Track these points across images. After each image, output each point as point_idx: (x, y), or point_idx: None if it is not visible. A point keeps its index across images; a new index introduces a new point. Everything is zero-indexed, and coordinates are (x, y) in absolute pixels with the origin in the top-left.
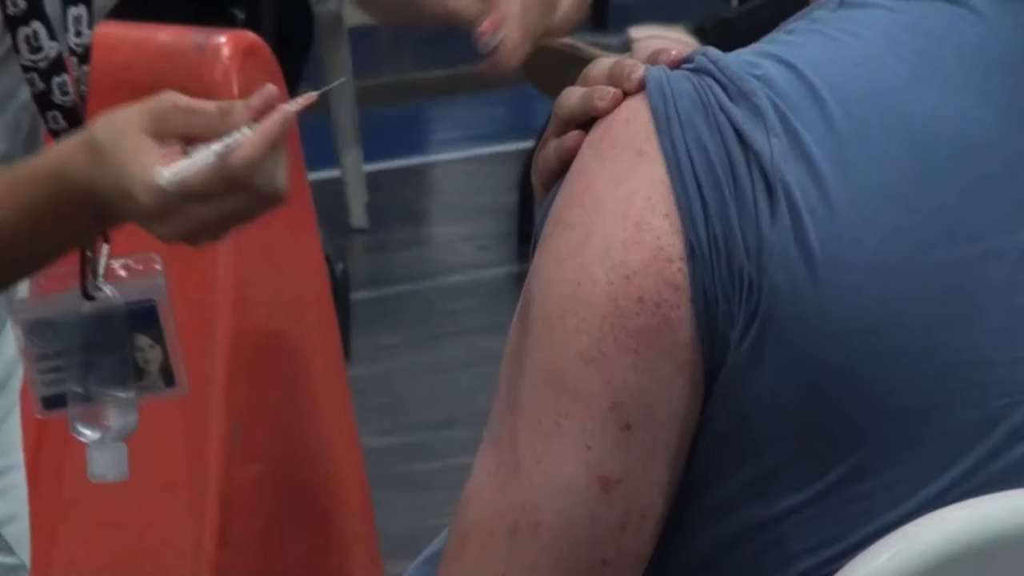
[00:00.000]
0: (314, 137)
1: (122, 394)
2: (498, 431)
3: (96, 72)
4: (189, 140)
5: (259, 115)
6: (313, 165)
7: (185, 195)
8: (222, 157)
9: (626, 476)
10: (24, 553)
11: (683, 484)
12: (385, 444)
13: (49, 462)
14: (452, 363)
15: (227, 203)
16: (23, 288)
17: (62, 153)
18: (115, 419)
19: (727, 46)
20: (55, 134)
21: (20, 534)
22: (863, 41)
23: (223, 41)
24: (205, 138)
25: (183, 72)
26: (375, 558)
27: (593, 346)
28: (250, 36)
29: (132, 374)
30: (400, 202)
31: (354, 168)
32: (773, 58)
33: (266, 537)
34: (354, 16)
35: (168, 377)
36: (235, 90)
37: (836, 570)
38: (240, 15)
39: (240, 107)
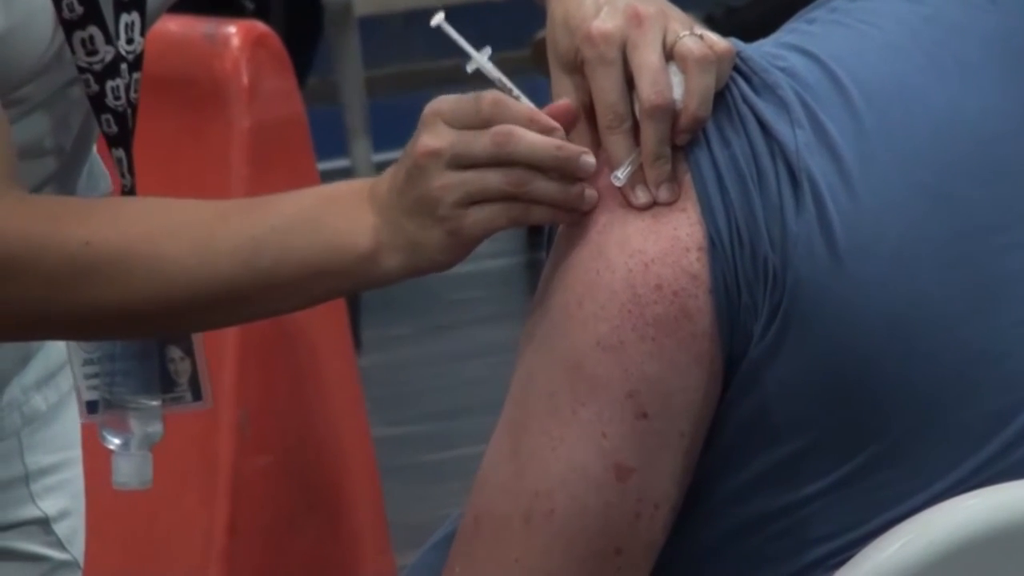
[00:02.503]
0: (324, 127)
1: (151, 403)
2: (514, 417)
3: None
4: None
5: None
6: (323, 155)
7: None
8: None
9: (641, 465)
10: (77, 550)
11: (699, 472)
12: (394, 434)
13: None
14: (461, 353)
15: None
16: None
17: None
18: (139, 427)
19: (737, 35)
20: (108, 137)
21: (73, 530)
22: (884, 32)
23: (233, 31)
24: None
25: (193, 62)
26: (385, 548)
27: (611, 334)
28: (259, 26)
29: (160, 384)
30: None
31: (364, 158)
32: (796, 50)
33: (276, 527)
34: (363, 5)
35: (196, 390)
36: (244, 80)
37: (849, 558)
38: (250, 5)
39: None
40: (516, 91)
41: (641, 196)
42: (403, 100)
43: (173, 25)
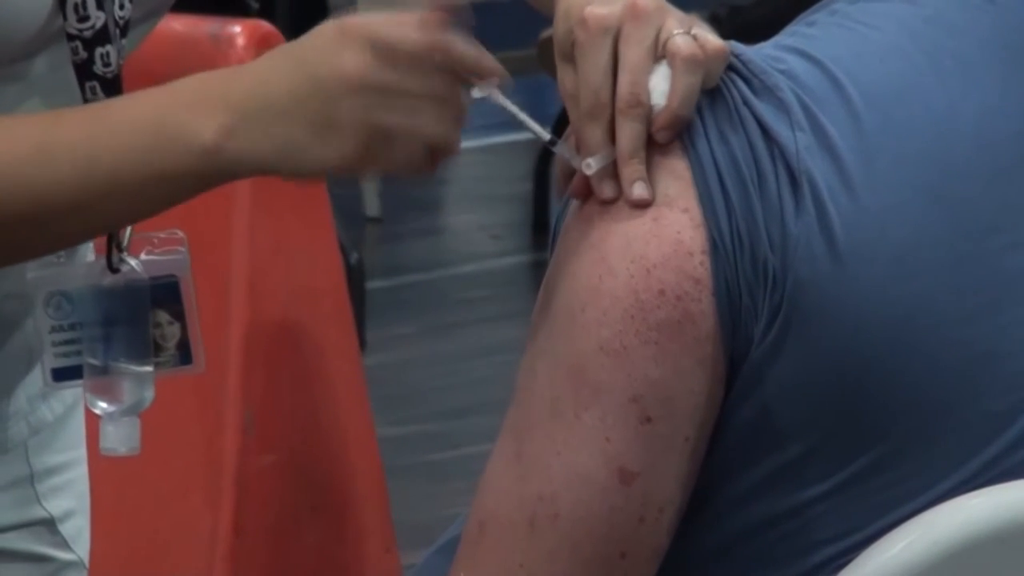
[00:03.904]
0: None
1: (140, 369)
2: (518, 422)
3: None
4: None
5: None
6: None
7: (394, 54)
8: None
9: (645, 469)
10: (82, 549)
11: (703, 475)
12: (400, 433)
13: None
14: (467, 352)
15: (430, 83)
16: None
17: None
18: (131, 393)
19: (741, 34)
20: None
21: (79, 530)
22: (884, 34)
23: (237, 31)
24: None
25: (197, 61)
26: (390, 547)
27: (615, 339)
28: (264, 25)
29: (152, 349)
30: (414, 191)
31: None
32: (796, 52)
33: (281, 527)
34: (367, 5)
35: (185, 354)
36: None
37: (854, 559)
38: (254, 4)
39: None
40: (522, 115)
41: (607, 191)
42: None
43: (178, 25)
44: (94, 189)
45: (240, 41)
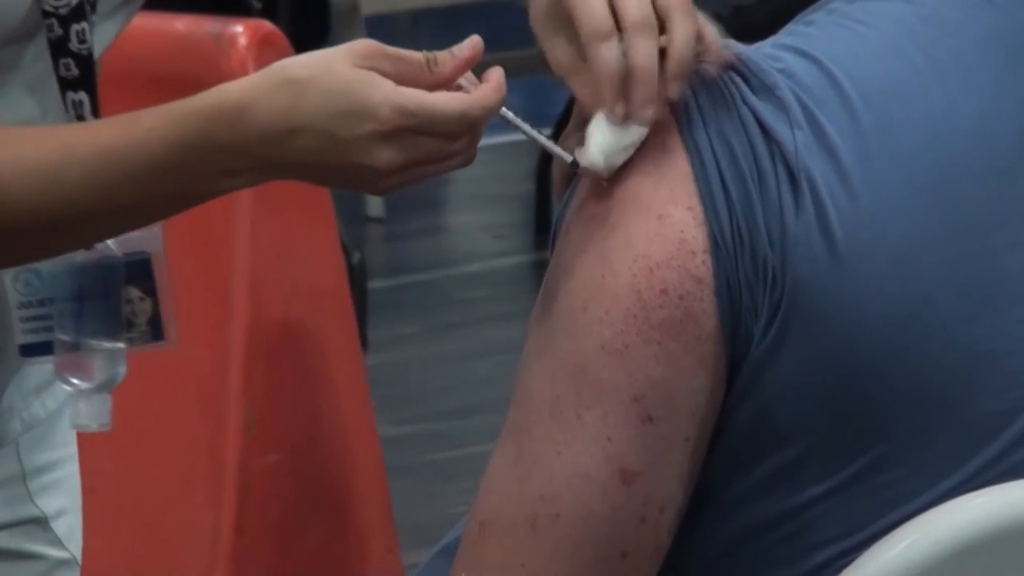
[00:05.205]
0: None
1: (111, 345)
2: (518, 422)
3: (111, 62)
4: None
5: (467, 66)
6: None
7: (429, 122)
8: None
9: (646, 469)
10: (75, 547)
11: (704, 475)
12: (402, 433)
13: None
14: (469, 352)
15: (448, 146)
16: None
17: (234, 92)
18: (102, 370)
19: (743, 34)
20: (66, 81)
21: (71, 528)
22: (882, 33)
23: (239, 30)
24: (412, 86)
25: (199, 62)
26: (392, 547)
27: (616, 338)
28: (266, 25)
29: (124, 326)
30: (416, 191)
31: None
32: (794, 51)
33: (283, 526)
34: (370, 4)
35: (156, 330)
36: None
37: (855, 559)
38: (256, 4)
39: (447, 58)
40: (541, 138)
41: (619, 109)
42: None
43: (179, 25)
44: (104, 216)
45: (242, 41)
